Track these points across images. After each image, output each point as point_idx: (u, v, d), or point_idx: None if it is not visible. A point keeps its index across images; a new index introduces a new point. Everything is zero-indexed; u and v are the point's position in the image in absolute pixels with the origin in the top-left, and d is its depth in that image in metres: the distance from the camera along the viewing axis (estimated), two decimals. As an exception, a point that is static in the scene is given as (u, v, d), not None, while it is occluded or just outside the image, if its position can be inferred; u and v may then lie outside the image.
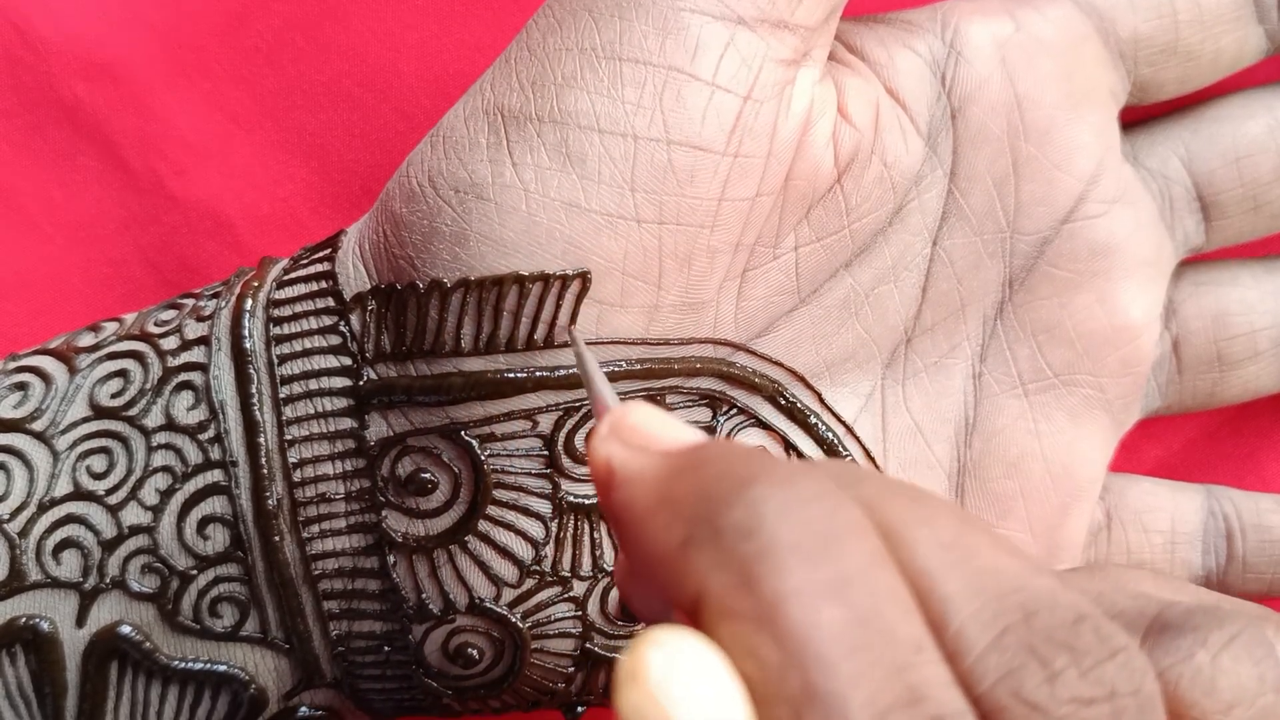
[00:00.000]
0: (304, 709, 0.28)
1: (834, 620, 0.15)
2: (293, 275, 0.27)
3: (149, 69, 0.34)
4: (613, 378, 0.26)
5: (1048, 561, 0.30)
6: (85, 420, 0.27)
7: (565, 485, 0.26)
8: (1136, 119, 0.31)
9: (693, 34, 0.24)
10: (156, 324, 0.28)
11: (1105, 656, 0.15)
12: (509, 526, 0.26)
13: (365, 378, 0.26)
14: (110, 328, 0.29)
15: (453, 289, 0.25)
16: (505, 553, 0.26)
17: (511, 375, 0.25)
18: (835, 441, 0.28)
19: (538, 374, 0.25)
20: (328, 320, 0.26)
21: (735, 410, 0.28)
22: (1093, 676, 0.15)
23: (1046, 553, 0.30)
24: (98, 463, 0.27)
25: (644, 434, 0.18)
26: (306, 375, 0.26)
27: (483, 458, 0.26)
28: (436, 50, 0.34)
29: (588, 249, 0.25)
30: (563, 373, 0.25)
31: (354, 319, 0.26)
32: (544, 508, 0.26)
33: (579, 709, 0.29)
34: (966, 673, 0.15)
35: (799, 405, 0.28)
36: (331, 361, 0.26)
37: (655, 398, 0.26)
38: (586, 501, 0.27)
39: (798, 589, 0.15)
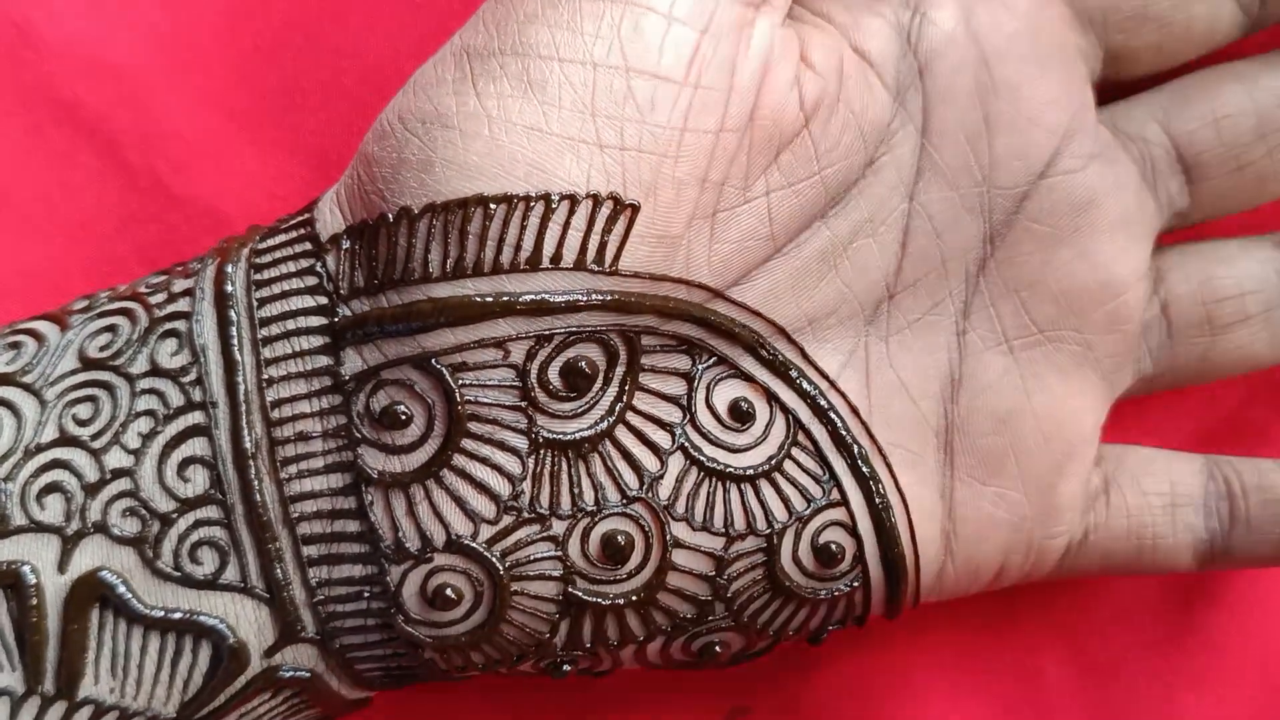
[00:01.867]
0: (286, 669, 0.27)
1: None
2: (275, 229, 0.28)
3: (148, 68, 0.35)
4: (577, 308, 0.26)
5: (1043, 524, 0.30)
6: (74, 372, 0.28)
7: (541, 420, 0.26)
8: (1113, 100, 0.32)
9: None
10: (147, 286, 0.29)
11: None
12: (485, 461, 0.26)
13: (340, 315, 0.27)
14: (104, 294, 0.29)
15: (420, 214, 0.26)
16: (482, 488, 0.26)
17: (479, 299, 0.26)
18: (819, 395, 0.28)
19: (504, 298, 0.26)
20: (305, 263, 0.27)
21: (715, 359, 0.28)
22: None
23: (1042, 513, 0.30)
24: (84, 410, 0.27)
25: None
26: (284, 316, 0.27)
27: (455, 387, 0.26)
28: (436, 49, 0.35)
29: (550, 171, 0.25)
30: (530, 298, 0.26)
31: (329, 259, 0.27)
32: (520, 442, 0.26)
33: (565, 668, 0.28)
34: None
35: (780, 358, 0.28)
36: (308, 301, 0.27)
37: (628, 336, 0.27)
38: (564, 438, 0.27)
39: None
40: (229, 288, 0.27)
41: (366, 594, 0.27)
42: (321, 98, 0.36)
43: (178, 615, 0.27)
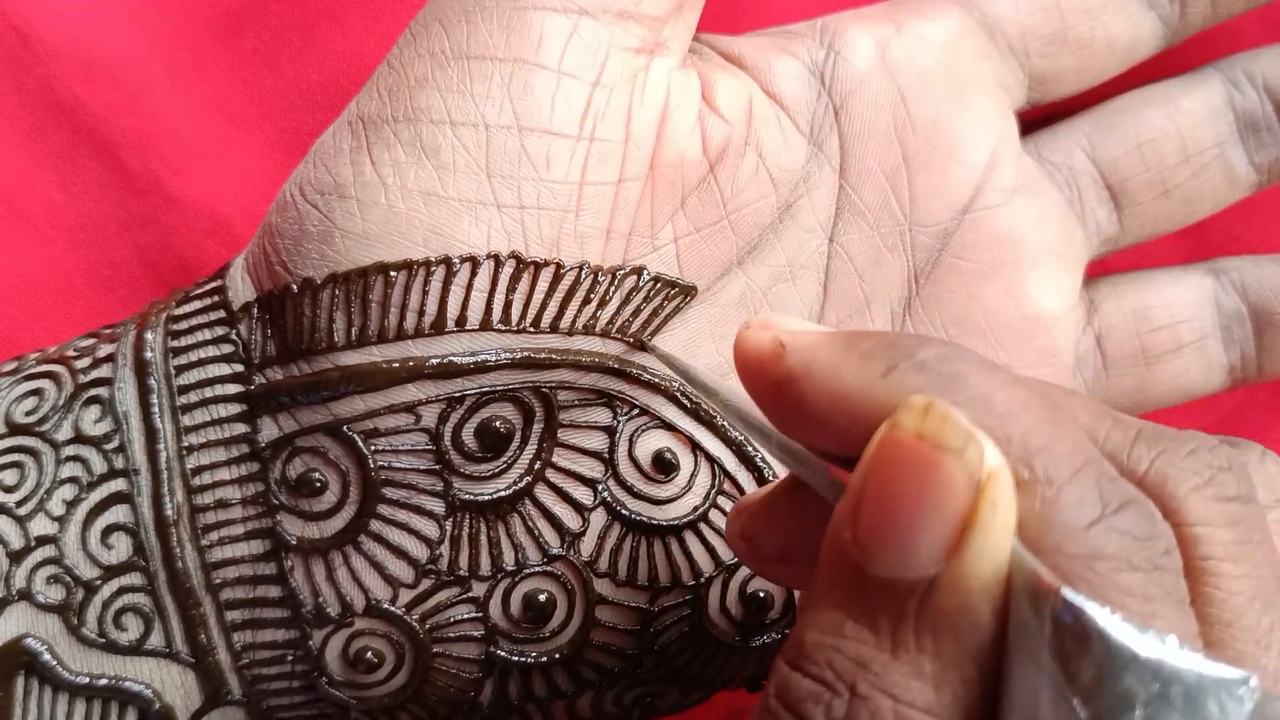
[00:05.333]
0: None
1: (1029, 398, 0.19)
2: (190, 295, 0.28)
3: (148, 71, 0.35)
4: (487, 369, 0.26)
5: None
6: (1, 437, 0.28)
7: (457, 483, 0.26)
8: (1042, 124, 0.32)
9: (536, 27, 0.26)
10: (75, 350, 0.29)
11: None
12: (402, 526, 0.26)
13: (255, 383, 0.27)
14: (34, 356, 0.30)
15: (323, 285, 0.26)
16: (399, 552, 0.26)
17: (385, 365, 0.26)
18: (744, 441, 0.28)
19: (410, 363, 0.26)
20: (220, 331, 0.27)
21: (637, 411, 0.28)
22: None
23: None
24: (9, 476, 0.27)
25: (787, 322, 0.21)
26: (201, 384, 0.27)
27: (368, 453, 0.26)
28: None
29: (449, 234, 0.25)
30: (436, 361, 0.26)
31: (242, 328, 0.27)
32: (436, 506, 0.26)
33: None
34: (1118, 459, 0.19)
35: (704, 406, 0.28)
36: (224, 369, 0.27)
37: (544, 393, 0.27)
38: (481, 499, 0.26)
39: (994, 384, 0.19)
40: (148, 354, 0.27)
41: (290, 657, 0.27)
42: (320, 100, 0.35)
43: (103, 682, 0.27)
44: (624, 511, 0.27)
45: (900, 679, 0.17)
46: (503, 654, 0.27)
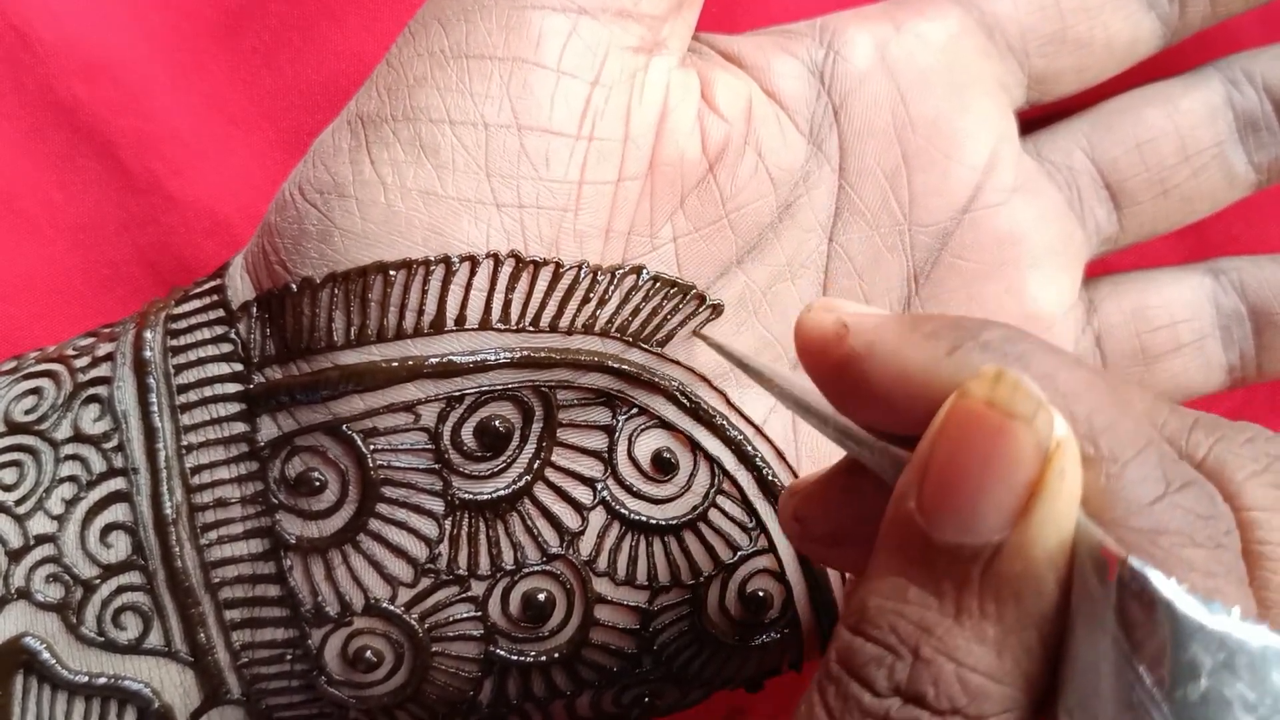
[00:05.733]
0: None
1: (1092, 379, 0.19)
2: (189, 294, 0.28)
3: (147, 70, 0.35)
4: (486, 368, 0.26)
5: None
6: (0, 436, 0.28)
7: (457, 482, 0.26)
8: (1042, 123, 0.32)
9: (535, 26, 0.26)
10: (74, 349, 0.29)
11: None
12: (401, 525, 0.26)
13: (254, 382, 0.27)
14: (33, 355, 0.30)
15: (322, 284, 0.26)
16: (399, 551, 0.26)
17: (385, 364, 0.26)
18: (744, 441, 0.28)
19: (410, 362, 0.26)
20: (219, 330, 0.27)
21: (636, 410, 0.28)
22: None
23: None
24: (8, 475, 0.27)
25: (848, 305, 0.21)
26: (201, 383, 0.27)
27: (367, 452, 0.26)
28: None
29: (449, 234, 0.25)
30: (436, 360, 0.26)
31: (241, 327, 0.27)
32: (436, 505, 0.26)
33: None
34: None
35: (704, 405, 0.28)
36: (223, 368, 0.27)
37: (543, 392, 0.27)
38: (480, 498, 0.26)
39: (1057, 364, 0.19)
40: (147, 354, 0.27)
41: (289, 656, 0.27)
42: (320, 100, 0.35)
43: (102, 680, 0.27)
44: (623, 511, 0.27)
45: (963, 643, 0.18)
46: (502, 653, 0.27)
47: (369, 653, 0.27)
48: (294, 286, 0.26)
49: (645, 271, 0.27)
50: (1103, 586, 0.17)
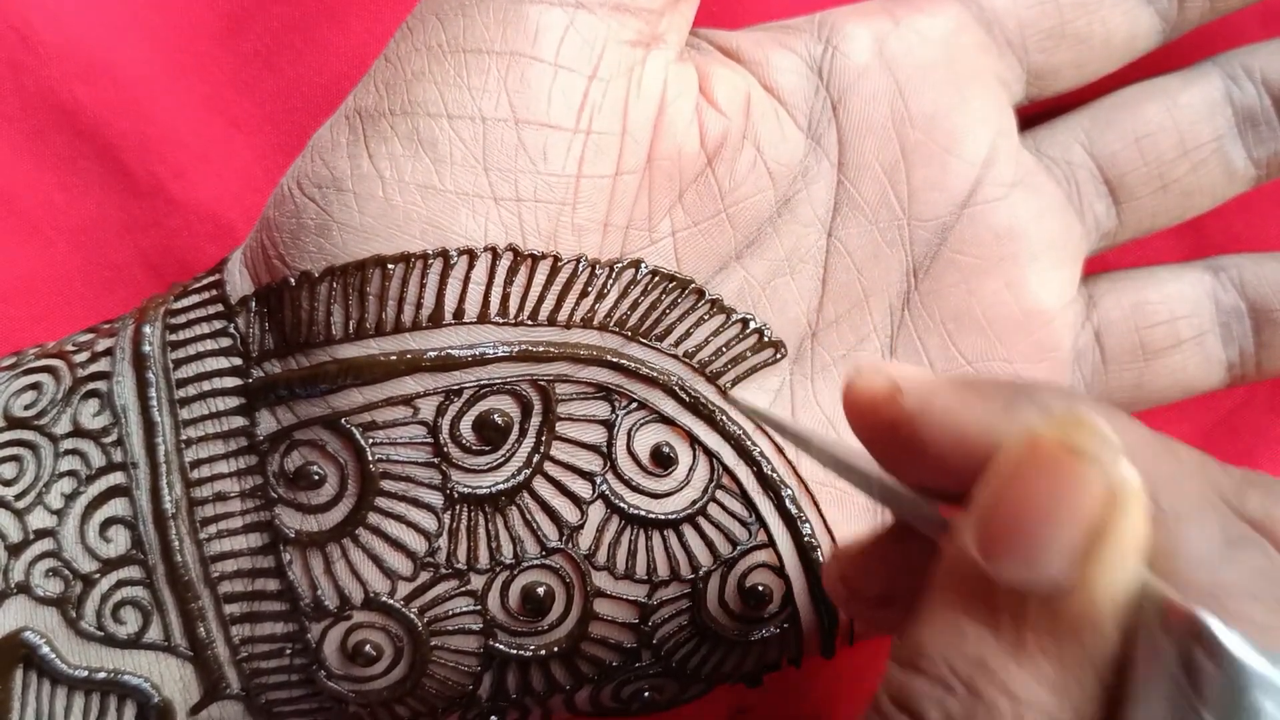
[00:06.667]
0: None
1: (1149, 437, 0.19)
2: (188, 289, 0.28)
3: (149, 73, 0.35)
4: (484, 361, 0.26)
5: None
6: None
7: (455, 475, 0.26)
8: (1041, 119, 0.32)
9: (532, 20, 0.26)
10: (73, 345, 0.29)
11: None
12: (400, 518, 0.26)
13: (253, 376, 0.27)
14: (32, 350, 0.30)
15: (320, 278, 0.26)
16: (398, 545, 0.26)
17: (383, 358, 0.26)
18: (743, 435, 0.28)
19: (409, 356, 0.26)
20: (218, 324, 0.27)
21: (635, 404, 0.28)
22: None
23: None
24: (8, 469, 0.27)
25: (896, 368, 0.22)
26: (200, 377, 0.27)
27: (365, 446, 0.26)
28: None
29: (446, 227, 0.25)
30: (434, 354, 0.26)
31: (240, 321, 0.27)
32: (434, 499, 0.26)
33: (492, 719, 0.28)
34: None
35: (703, 399, 0.28)
36: (223, 363, 0.27)
37: (542, 386, 0.27)
38: (480, 492, 0.26)
39: (1115, 420, 0.19)
40: (146, 349, 0.27)
41: (288, 651, 0.27)
42: (322, 102, 0.35)
43: (101, 675, 0.27)
44: (622, 505, 0.27)
45: (1020, 680, 0.18)
46: (501, 647, 0.27)
47: (368, 646, 0.27)
48: (292, 281, 0.26)
49: (644, 265, 0.27)
50: (1165, 635, 0.17)
